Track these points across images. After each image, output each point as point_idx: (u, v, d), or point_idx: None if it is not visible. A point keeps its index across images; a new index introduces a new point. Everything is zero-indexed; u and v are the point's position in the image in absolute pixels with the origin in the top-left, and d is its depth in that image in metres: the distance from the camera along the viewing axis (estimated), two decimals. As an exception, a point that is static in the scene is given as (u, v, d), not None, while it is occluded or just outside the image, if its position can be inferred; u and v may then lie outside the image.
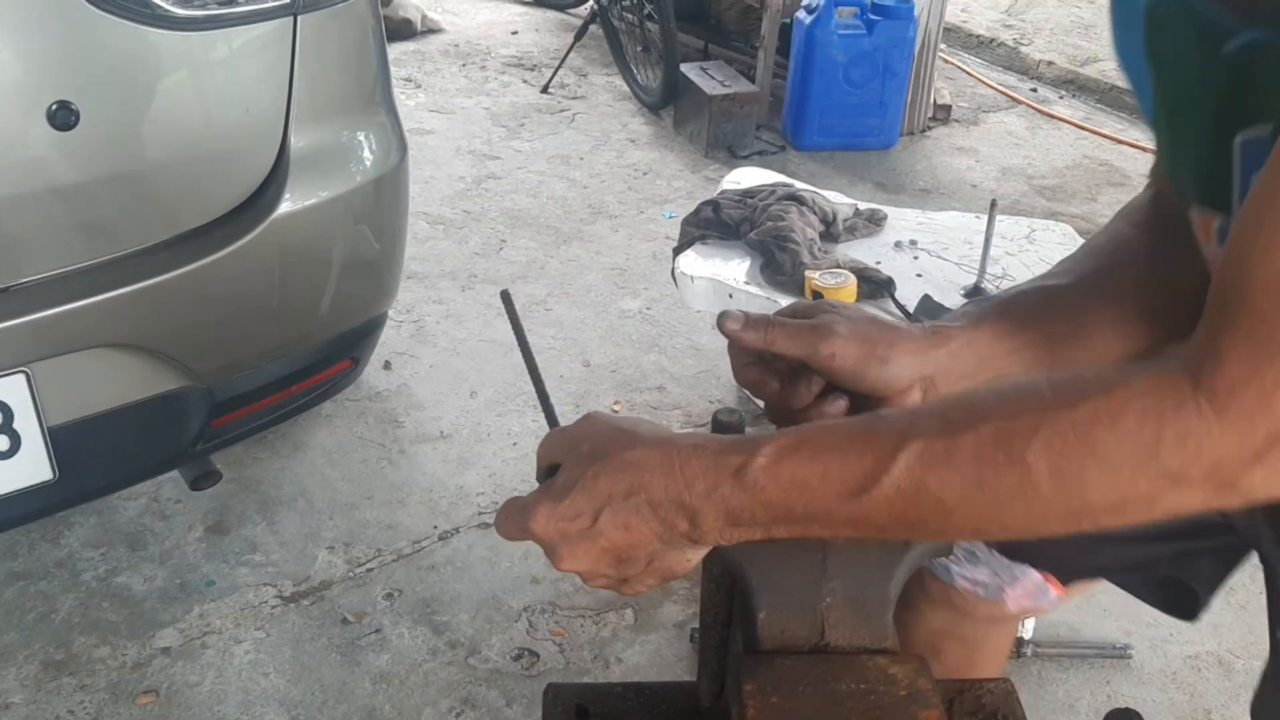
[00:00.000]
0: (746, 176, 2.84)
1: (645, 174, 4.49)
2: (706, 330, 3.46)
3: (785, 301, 2.33)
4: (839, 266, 2.36)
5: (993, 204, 2.36)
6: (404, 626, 2.39)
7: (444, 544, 2.62)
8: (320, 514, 2.68)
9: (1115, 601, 2.54)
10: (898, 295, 2.34)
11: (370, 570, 2.54)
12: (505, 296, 1.16)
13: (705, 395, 3.16)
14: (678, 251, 2.59)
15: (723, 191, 2.71)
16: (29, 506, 1.80)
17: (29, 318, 1.63)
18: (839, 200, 2.69)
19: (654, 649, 2.36)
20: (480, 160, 4.56)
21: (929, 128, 5.00)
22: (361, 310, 2.20)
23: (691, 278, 2.41)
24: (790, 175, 4.02)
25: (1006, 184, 4.59)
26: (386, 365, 3.24)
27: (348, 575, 2.52)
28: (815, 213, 2.54)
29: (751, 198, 2.60)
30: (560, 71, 5.25)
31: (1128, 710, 0.94)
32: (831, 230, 2.55)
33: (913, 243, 2.57)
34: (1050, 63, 5.79)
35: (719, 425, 0.96)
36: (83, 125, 1.60)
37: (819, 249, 2.44)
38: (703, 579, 1.00)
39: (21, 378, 1.68)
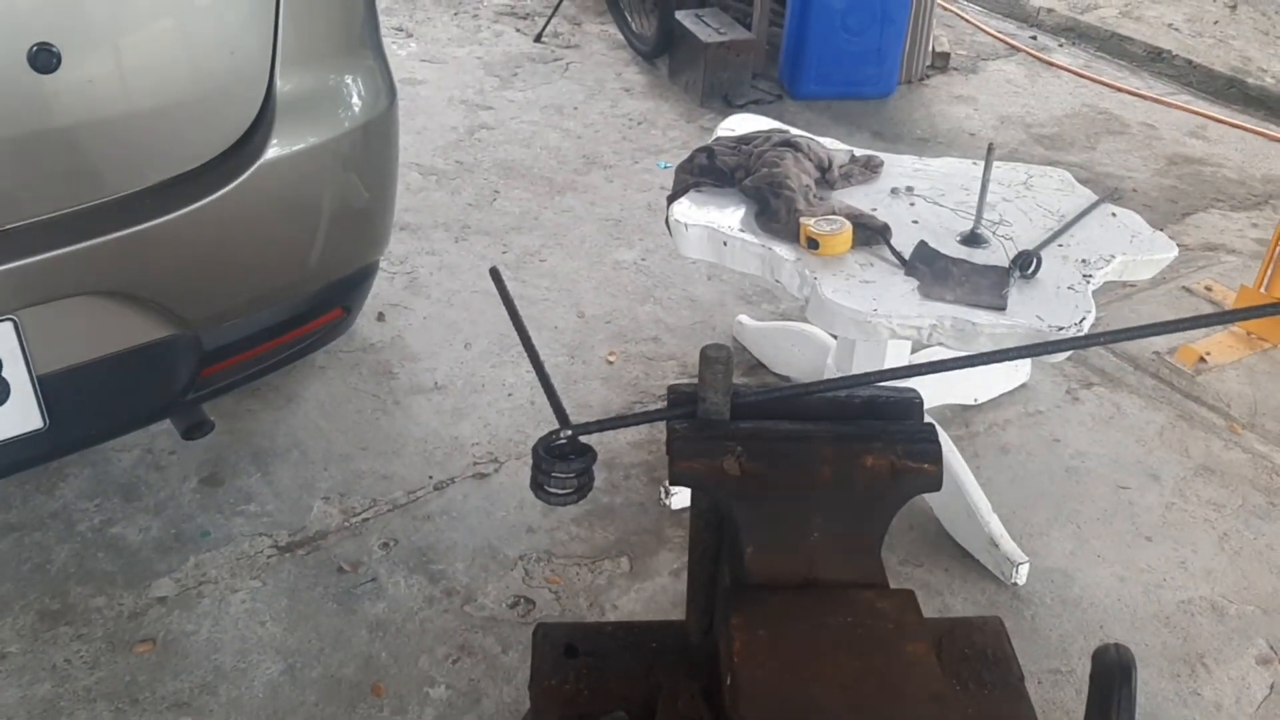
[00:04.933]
0: (742, 123, 2.81)
1: (640, 124, 4.45)
2: (702, 281, 3.45)
3: (780, 249, 2.31)
4: (834, 214, 2.33)
5: (989, 149, 2.33)
6: (400, 575, 2.40)
7: (439, 494, 2.62)
8: (315, 465, 2.68)
9: (1109, 547, 2.55)
10: (893, 242, 2.31)
11: (366, 520, 2.54)
12: (495, 275, 1.14)
13: (700, 346, 3.14)
14: (672, 199, 2.56)
15: (718, 138, 2.68)
16: (20, 455, 1.80)
17: (15, 264, 1.61)
18: (835, 146, 2.66)
19: (649, 596, 2.37)
20: (473, 110, 4.52)
21: (927, 76, 4.95)
22: (352, 258, 2.18)
23: (686, 225, 2.39)
24: (787, 124, 3.99)
25: (1005, 132, 4.55)
26: (380, 317, 3.22)
27: (343, 525, 2.52)
28: (811, 159, 2.51)
29: (746, 144, 2.57)
30: (554, 20, 5.19)
31: (1117, 645, 0.93)
32: (827, 177, 2.52)
33: (909, 189, 2.55)
34: (1051, 10, 5.73)
35: (674, 396, 0.95)
36: (64, 68, 1.57)
37: (814, 196, 2.41)
38: (691, 516, 1.00)
39: (9, 325, 1.66)
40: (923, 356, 2.70)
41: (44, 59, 1.54)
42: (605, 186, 3.98)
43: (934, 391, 2.78)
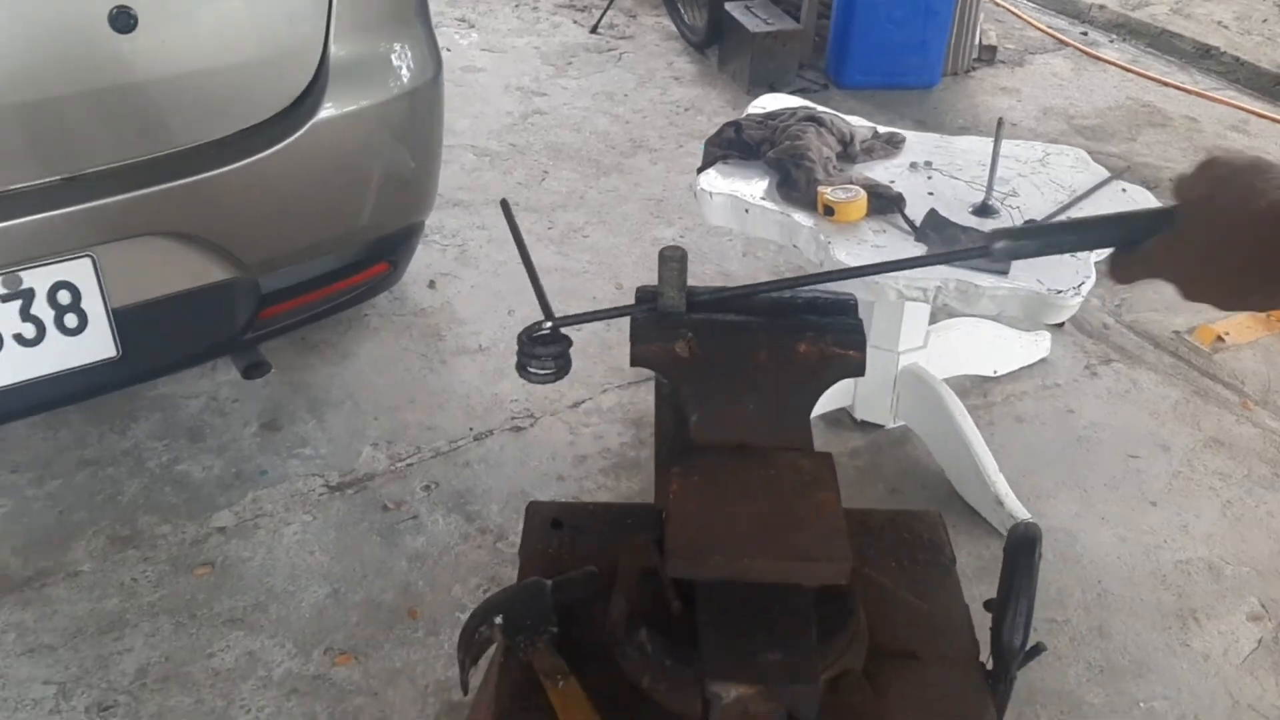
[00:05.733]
0: (772, 102, 2.95)
1: (687, 110, 4.61)
2: (736, 258, 3.59)
3: (799, 216, 2.45)
4: (851, 184, 2.47)
5: (999, 122, 2.45)
6: (439, 514, 2.58)
7: (478, 444, 2.80)
8: (366, 415, 2.88)
9: (1114, 510, 2.65)
10: (907, 212, 2.44)
11: (410, 465, 2.73)
12: (504, 205, 1.31)
13: (732, 316, 3.29)
14: (701, 171, 2.71)
15: (747, 114, 2.83)
16: (94, 381, 2.00)
17: (93, 204, 1.81)
18: (858, 123, 2.79)
19: (668, 540, 2.52)
20: (528, 97, 4.71)
21: (973, 68, 5.04)
22: (398, 216, 2.36)
23: (710, 194, 2.54)
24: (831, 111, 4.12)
25: (1046, 123, 4.63)
26: (431, 284, 3.42)
27: (389, 469, 2.71)
28: (833, 133, 2.65)
29: (773, 120, 2.72)
30: (610, 12, 5.37)
31: (1027, 523, 1.07)
32: (849, 151, 2.66)
33: (928, 164, 2.67)
34: (1102, 6, 5.77)
35: (640, 293, 1.11)
36: (141, 29, 1.77)
37: (834, 167, 2.55)
38: (655, 401, 1.16)
39: (88, 261, 1.87)
40: (944, 327, 2.82)
41: (123, 20, 1.74)
42: (649, 168, 4.14)
43: (953, 363, 2.90)
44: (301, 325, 2.32)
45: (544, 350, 1.09)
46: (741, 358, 1.04)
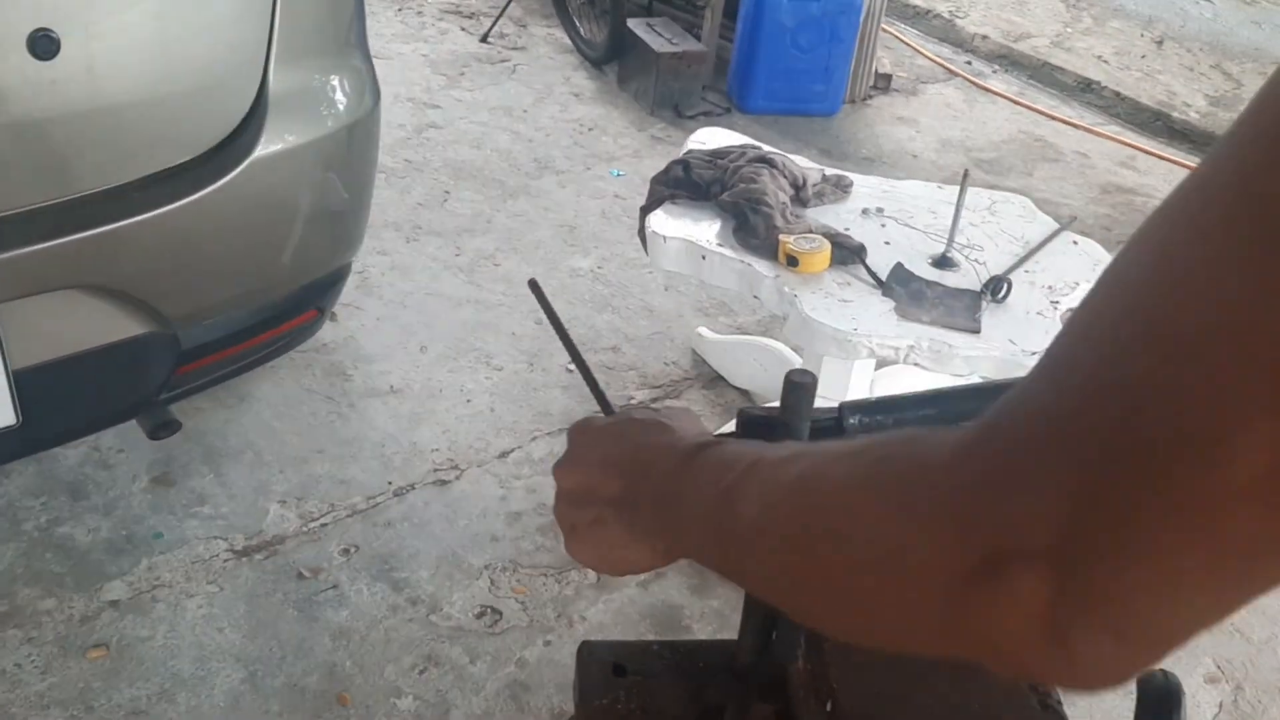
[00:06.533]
0: (712, 137, 2.82)
1: (590, 130, 4.44)
2: (659, 292, 3.45)
3: (759, 265, 2.33)
4: (811, 232, 2.36)
5: (964, 175, 2.38)
6: (362, 583, 2.36)
7: (399, 500, 2.58)
8: (269, 467, 2.62)
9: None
10: (868, 262, 2.35)
11: (324, 525, 2.49)
12: (534, 286, 1.11)
13: (660, 357, 3.15)
14: (646, 210, 2.56)
15: (689, 151, 2.69)
16: (-12, 453, 1.72)
17: (-1, 256, 1.54)
18: (807, 165, 2.69)
19: (617, 607, 2.36)
20: (420, 109, 4.46)
21: (870, 96, 5.03)
22: (329, 259, 2.14)
23: (664, 238, 2.39)
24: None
25: (947, 155, 4.65)
26: (332, 316, 3.16)
27: (301, 530, 2.46)
28: (785, 176, 2.54)
29: (721, 158, 2.59)
30: (500, 21, 5.15)
31: (1164, 672, 0.95)
32: (801, 195, 2.55)
33: (879, 210, 2.59)
34: (985, 36, 5.87)
35: (747, 420, 0.96)
36: (64, 55, 1.51)
37: (791, 213, 2.44)
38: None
39: (-14, 319, 1.59)
40: (886, 375, 2.74)
41: (44, 45, 1.48)
42: (558, 192, 3.96)
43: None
44: (221, 380, 2.07)
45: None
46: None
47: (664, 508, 0.68)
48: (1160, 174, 4.72)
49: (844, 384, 2.61)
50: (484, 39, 5.09)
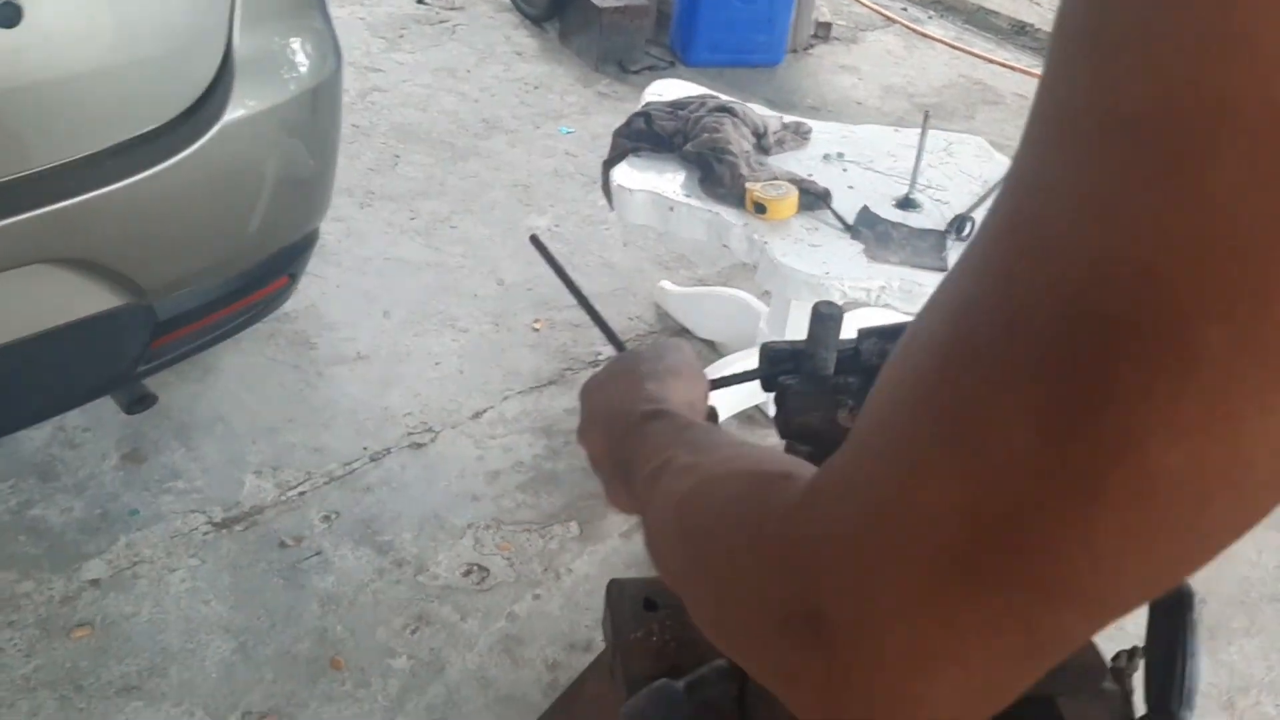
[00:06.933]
0: (669, 89, 2.82)
1: (536, 88, 4.41)
2: (618, 247, 3.45)
3: (727, 214, 2.34)
4: (776, 179, 2.38)
5: (925, 117, 2.42)
6: (346, 548, 2.35)
7: (376, 465, 2.57)
8: (242, 438, 2.59)
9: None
10: (834, 206, 2.38)
11: (302, 493, 2.47)
12: (535, 241, 1.12)
13: (624, 312, 3.16)
14: (609, 164, 2.56)
15: (648, 104, 2.69)
16: (-34, 433, 1.69)
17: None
18: (766, 113, 2.70)
19: (601, 558, 2.39)
20: (362, 73, 4.39)
21: (811, 45, 5.05)
22: (300, 223, 2.11)
23: (630, 191, 2.40)
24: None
25: (890, 102, 4.69)
26: (291, 285, 3.12)
27: (279, 499, 2.45)
28: (747, 125, 2.55)
29: (682, 109, 2.59)
30: (437, -19, 5.08)
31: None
32: (762, 143, 2.57)
33: (840, 155, 2.62)
34: (920, -18, 5.91)
35: (772, 354, 0.98)
36: (26, 22, 1.47)
37: (755, 161, 2.45)
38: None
39: (-40, 296, 1.56)
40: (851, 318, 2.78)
41: (6, 13, 1.44)
42: (509, 151, 3.94)
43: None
44: (196, 351, 2.05)
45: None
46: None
47: (622, 473, 0.73)
48: (1098, 112, 4.79)
49: (783, 325, 2.64)
50: (420, 0, 5.02)
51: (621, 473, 0.75)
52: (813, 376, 0.96)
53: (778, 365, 1.01)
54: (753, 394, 2.73)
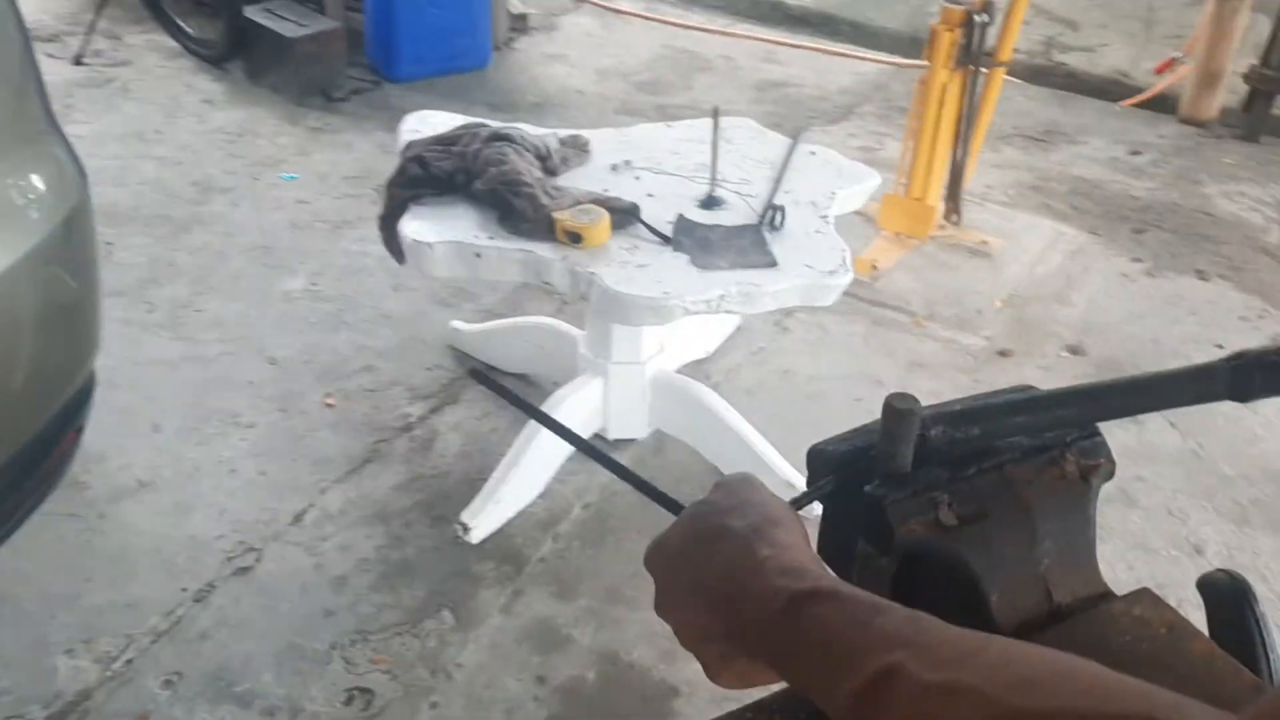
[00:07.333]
0: (421, 122, 2.61)
1: (240, 136, 4.04)
2: (389, 294, 3.22)
3: (541, 249, 2.19)
4: (580, 203, 2.25)
5: (715, 111, 2.35)
6: (203, 711, 2.06)
7: (203, 605, 2.27)
8: (37, 616, 2.22)
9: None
10: (643, 218, 2.28)
11: (129, 661, 2.14)
12: (476, 375, 0.97)
13: (419, 364, 2.94)
14: (388, 219, 2.34)
15: (410, 143, 2.48)
16: None
17: None
18: (541, 132, 2.55)
19: (489, 642, 2.21)
20: (34, 155, 3.87)
21: (512, 39, 4.91)
22: (75, 367, 1.80)
23: (429, 244, 2.19)
24: (395, 108, 3.79)
25: (607, 85, 4.63)
26: (33, 419, 2.70)
27: (105, 676, 2.11)
28: (528, 149, 2.40)
29: (454, 144, 2.40)
30: (90, 38, 4.55)
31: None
32: (548, 165, 2.42)
33: (627, 163, 2.51)
34: (593, -42, 5.87)
35: (828, 460, 0.88)
36: None
37: (550, 188, 2.31)
38: (859, 572, 0.91)
39: None
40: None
41: None
42: (234, 212, 3.58)
43: (677, 356, 2.81)
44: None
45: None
46: (1008, 505, 0.84)
47: (777, 664, 0.66)
48: (801, 62, 4.94)
49: (637, 344, 2.55)
50: (78, 61, 4.48)
51: (764, 658, 0.67)
52: (895, 478, 0.86)
53: (841, 473, 0.90)
54: (588, 423, 2.61)
